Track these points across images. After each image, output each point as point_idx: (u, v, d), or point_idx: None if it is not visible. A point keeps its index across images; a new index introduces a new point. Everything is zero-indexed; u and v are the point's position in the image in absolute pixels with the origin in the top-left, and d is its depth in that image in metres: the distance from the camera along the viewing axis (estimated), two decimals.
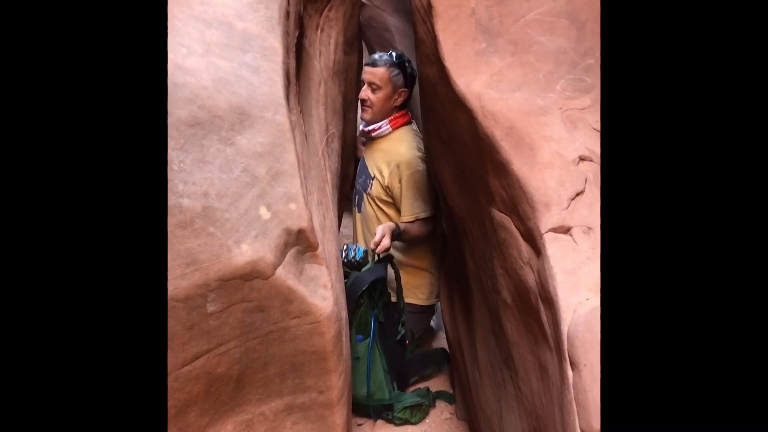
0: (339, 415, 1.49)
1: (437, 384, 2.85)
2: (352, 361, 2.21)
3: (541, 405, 1.36)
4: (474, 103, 1.58)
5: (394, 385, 2.65)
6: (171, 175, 1.24)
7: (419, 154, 2.74)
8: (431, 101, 1.98)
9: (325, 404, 1.47)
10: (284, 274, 1.34)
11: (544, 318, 1.31)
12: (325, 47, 2.24)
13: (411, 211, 2.73)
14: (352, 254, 2.53)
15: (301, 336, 1.40)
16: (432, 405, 2.70)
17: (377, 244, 2.53)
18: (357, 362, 2.49)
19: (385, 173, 2.75)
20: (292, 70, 1.71)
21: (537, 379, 1.39)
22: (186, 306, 1.24)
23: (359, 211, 2.94)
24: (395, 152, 2.76)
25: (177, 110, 1.31)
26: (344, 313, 1.62)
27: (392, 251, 2.73)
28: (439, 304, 2.87)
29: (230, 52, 1.50)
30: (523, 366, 1.49)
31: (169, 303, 1.22)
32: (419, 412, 2.63)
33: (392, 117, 2.80)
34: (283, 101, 1.49)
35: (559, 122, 1.50)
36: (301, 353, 1.42)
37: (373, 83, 2.75)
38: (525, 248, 1.42)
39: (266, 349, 1.39)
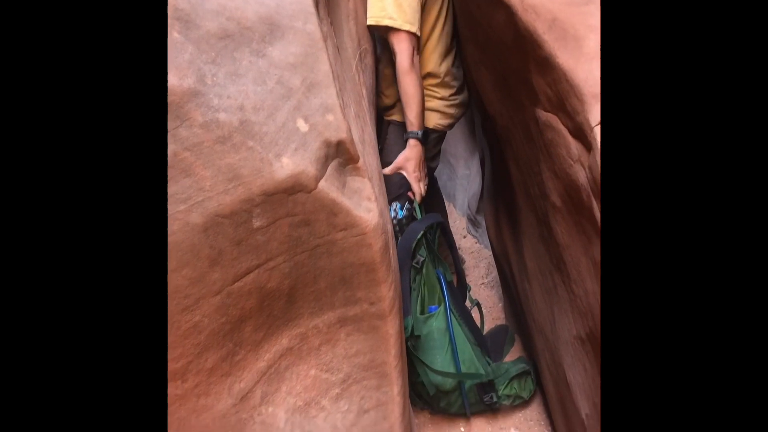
0: (392, 325, 1.49)
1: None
2: (426, 340, 1.93)
3: (596, 304, 1.33)
4: None
5: (488, 359, 2.03)
6: (204, 89, 1.21)
7: None
8: (464, 3, 1.88)
9: (377, 315, 1.47)
10: (327, 186, 1.32)
11: (597, 214, 1.26)
12: None
13: (372, 11, 2.05)
14: (393, 214, 1.89)
15: (349, 248, 1.39)
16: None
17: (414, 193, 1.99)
18: (432, 340, 1.91)
19: None
20: None
21: (591, 279, 1.36)
22: (232, 222, 1.24)
23: None
24: None
25: (206, 23, 1.27)
26: (389, 227, 1.60)
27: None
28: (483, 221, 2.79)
29: None
30: (576, 268, 1.46)
31: (215, 219, 1.21)
32: (528, 383, 2.06)
33: None
34: (312, 9, 1.43)
35: None
36: (350, 266, 1.41)
37: None
38: (574, 145, 1.36)
39: (315, 263, 1.38)
